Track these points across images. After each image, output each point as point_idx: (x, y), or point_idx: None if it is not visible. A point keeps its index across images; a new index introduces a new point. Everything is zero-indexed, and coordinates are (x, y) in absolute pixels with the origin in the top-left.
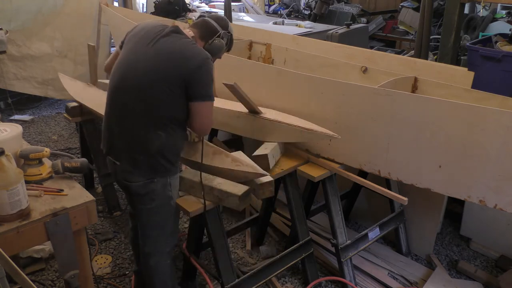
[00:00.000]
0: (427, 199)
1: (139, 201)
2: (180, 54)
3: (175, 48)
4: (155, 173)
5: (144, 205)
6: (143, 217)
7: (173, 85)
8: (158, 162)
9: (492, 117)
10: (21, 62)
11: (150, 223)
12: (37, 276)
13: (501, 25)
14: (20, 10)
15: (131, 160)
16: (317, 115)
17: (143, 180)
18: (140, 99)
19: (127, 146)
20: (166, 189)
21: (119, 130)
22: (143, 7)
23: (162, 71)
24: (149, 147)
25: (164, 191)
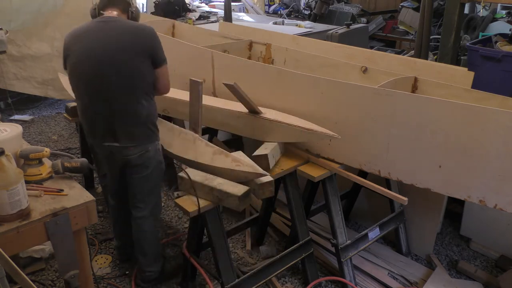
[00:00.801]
0: (427, 199)
1: (135, 171)
2: (135, 30)
3: (127, 28)
4: (148, 141)
5: (141, 174)
6: (139, 186)
7: (141, 56)
8: (149, 129)
9: (492, 117)
10: (21, 62)
11: (145, 189)
12: (37, 276)
13: (501, 25)
14: (20, 10)
15: (128, 136)
16: (317, 115)
17: (139, 151)
18: (119, 78)
19: (122, 124)
20: (157, 154)
21: (110, 114)
22: (143, 7)
23: (129, 48)
24: (140, 117)
25: (156, 156)
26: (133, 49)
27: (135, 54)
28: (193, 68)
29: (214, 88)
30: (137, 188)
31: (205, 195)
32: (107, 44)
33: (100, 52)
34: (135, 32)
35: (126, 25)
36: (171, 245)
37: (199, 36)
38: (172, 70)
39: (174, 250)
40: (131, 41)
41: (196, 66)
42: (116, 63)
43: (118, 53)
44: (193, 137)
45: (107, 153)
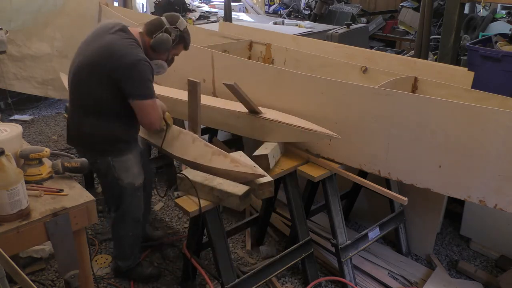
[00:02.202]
0: (427, 199)
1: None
2: (115, 50)
3: (113, 45)
4: (95, 153)
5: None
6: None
7: (100, 76)
8: (92, 143)
9: (492, 117)
10: (21, 62)
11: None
12: (37, 276)
13: (501, 25)
14: (20, 10)
15: (76, 141)
16: (317, 115)
17: (90, 160)
18: (75, 88)
19: (74, 129)
20: (111, 170)
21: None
22: (143, 7)
23: (92, 63)
24: (83, 129)
25: (109, 171)
26: (96, 70)
27: (95, 75)
28: (193, 68)
29: (214, 88)
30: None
31: (205, 195)
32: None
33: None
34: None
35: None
36: (171, 245)
37: (199, 36)
38: (172, 70)
39: (174, 250)
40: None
41: (196, 66)
42: (77, 77)
43: (82, 68)
44: (192, 138)
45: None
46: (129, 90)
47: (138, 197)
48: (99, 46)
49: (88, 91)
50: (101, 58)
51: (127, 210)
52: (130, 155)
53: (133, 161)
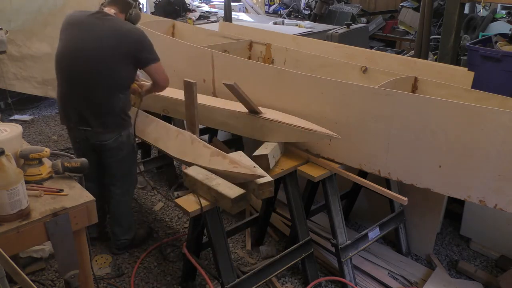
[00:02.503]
0: (427, 199)
1: (110, 155)
2: (124, 32)
3: (116, 29)
4: (120, 128)
5: (116, 157)
6: (115, 167)
7: (122, 55)
8: (122, 119)
9: (492, 117)
10: (21, 62)
11: (121, 170)
12: (37, 276)
13: (501, 25)
14: (20, 10)
15: (101, 123)
16: (317, 115)
17: (113, 136)
18: (102, 74)
19: (97, 113)
20: (130, 139)
21: (86, 103)
22: (143, 7)
23: (114, 48)
24: (115, 108)
25: (129, 141)
26: (117, 50)
27: (118, 55)
28: (193, 68)
29: (214, 88)
30: (114, 169)
31: (204, 194)
32: (94, 41)
33: (85, 47)
34: (123, 34)
35: (116, 25)
36: (171, 245)
37: (199, 36)
38: (172, 70)
39: (174, 250)
40: (116, 42)
41: (196, 66)
42: (98, 61)
43: (102, 51)
44: (191, 138)
45: (83, 137)
46: (146, 57)
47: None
48: (103, 33)
49: (119, 71)
50: (116, 42)
51: (135, 176)
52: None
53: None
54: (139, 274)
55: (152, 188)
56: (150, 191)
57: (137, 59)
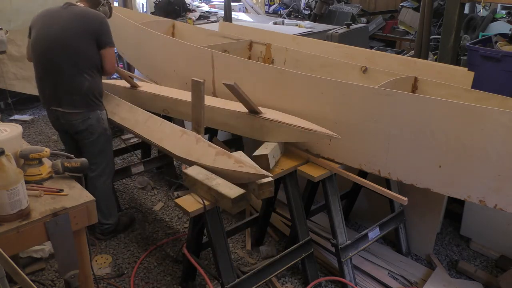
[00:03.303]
0: (427, 199)
1: (82, 137)
2: (86, 15)
3: (80, 12)
4: (88, 109)
5: (88, 139)
6: (89, 149)
7: (86, 37)
8: (90, 99)
9: (492, 117)
10: (21, 62)
11: (93, 152)
12: (37, 276)
13: (501, 25)
14: (20, 10)
15: (70, 102)
16: (317, 115)
17: (81, 118)
18: (66, 53)
19: (66, 92)
20: (100, 123)
21: (56, 83)
22: (143, 7)
23: (76, 29)
24: (81, 88)
25: (99, 124)
26: (79, 31)
27: (80, 35)
28: (193, 68)
29: (214, 88)
30: (86, 151)
31: (204, 194)
32: (59, 26)
33: (52, 33)
34: (84, 16)
35: (79, 10)
36: (171, 245)
37: (199, 36)
38: (172, 70)
39: (174, 250)
40: (78, 24)
41: (196, 66)
42: (63, 43)
43: (65, 34)
44: (196, 138)
45: (54, 117)
46: (104, 40)
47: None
48: (70, 15)
49: (83, 50)
50: (81, 22)
51: (110, 159)
52: (105, 109)
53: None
54: (139, 274)
55: (152, 188)
56: (150, 191)
57: (98, 40)
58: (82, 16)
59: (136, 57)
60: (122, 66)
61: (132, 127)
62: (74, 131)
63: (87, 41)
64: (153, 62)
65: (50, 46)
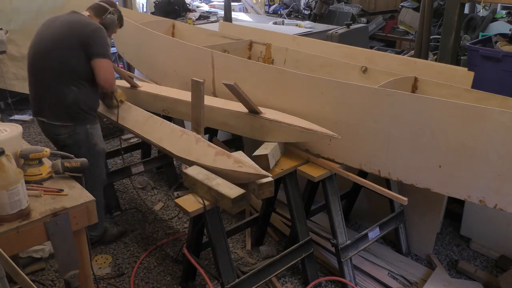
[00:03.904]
0: (427, 199)
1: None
2: (77, 23)
3: (74, 20)
4: (74, 122)
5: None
6: None
7: (73, 46)
8: (75, 111)
9: (492, 117)
10: (21, 62)
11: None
12: (37, 276)
13: (501, 25)
14: (20, 10)
15: (54, 114)
16: (317, 115)
17: (67, 132)
18: (51, 62)
19: (50, 103)
20: (89, 138)
21: (42, 93)
22: (143, 7)
23: (65, 39)
24: (66, 99)
25: (87, 139)
26: (67, 41)
27: (68, 46)
28: (193, 68)
29: (214, 88)
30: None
31: (204, 194)
32: (51, 33)
33: (42, 41)
34: (75, 26)
35: (76, 19)
36: (171, 245)
37: (199, 36)
38: (172, 70)
39: (174, 250)
40: (67, 34)
41: (196, 66)
42: (49, 53)
43: (54, 43)
44: (195, 138)
45: (41, 127)
46: (93, 51)
47: (105, 162)
48: (61, 24)
49: (69, 61)
50: (69, 32)
51: (99, 174)
52: (98, 123)
53: (100, 130)
54: (139, 274)
55: (152, 188)
56: (150, 191)
57: (87, 51)
58: (74, 25)
59: (136, 57)
60: (122, 66)
61: (132, 127)
62: (61, 144)
63: (74, 52)
64: (153, 62)
65: (38, 55)
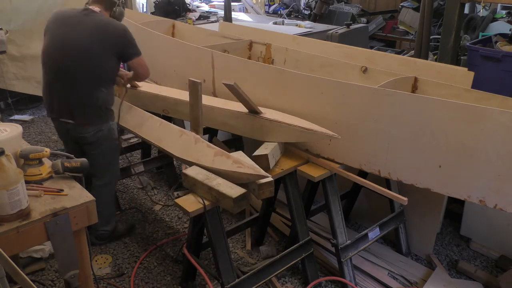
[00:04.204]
0: (427, 199)
1: (91, 148)
2: (108, 27)
3: (102, 23)
4: (101, 121)
5: (96, 150)
6: (96, 160)
7: (106, 50)
8: (103, 112)
9: (492, 117)
10: (21, 62)
11: (105, 163)
12: (37, 276)
13: (501, 25)
14: (20, 10)
15: (83, 116)
16: (317, 115)
17: (93, 130)
18: (87, 66)
19: (80, 104)
20: (110, 133)
21: (70, 95)
22: (143, 7)
23: (99, 41)
24: (96, 101)
25: (110, 134)
26: (101, 45)
27: (102, 50)
28: (193, 68)
29: (214, 88)
30: (94, 162)
31: (205, 194)
32: (79, 35)
33: (71, 42)
34: (106, 29)
35: (101, 21)
36: (171, 245)
37: (199, 36)
38: (172, 71)
39: (174, 250)
40: (101, 37)
41: (196, 66)
42: (83, 55)
43: (86, 46)
44: (194, 138)
45: (64, 129)
46: (131, 52)
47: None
48: (88, 27)
49: (102, 64)
50: (101, 35)
51: (117, 168)
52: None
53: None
54: (139, 274)
55: (152, 188)
56: (150, 191)
57: (121, 54)
58: (105, 28)
59: None
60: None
61: (132, 127)
62: (84, 142)
63: (108, 55)
64: (153, 62)
65: (67, 54)
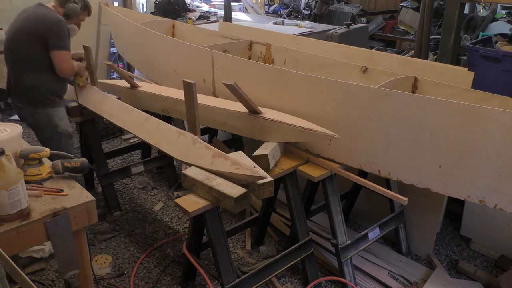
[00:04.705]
0: (427, 199)
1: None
2: (39, 15)
3: (37, 13)
4: (35, 105)
5: (39, 134)
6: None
7: (31, 36)
8: (35, 96)
9: (492, 117)
10: None
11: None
12: (37, 276)
13: (501, 25)
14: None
15: (18, 97)
16: (317, 115)
17: (29, 112)
18: (13, 50)
19: (15, 86)
20: (50, 118)
21: (9, 79)
22: (143, 7)
23: (27, 30)
24: (25, 83)
25: (50, 119)
26: (29, 32)
27: (29, 36)
28: (193, 68)
29: (214, 88)
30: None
31: (205, 194)
32: (16, 25)
33: (11, 32)
34: (39, 19)
35: (40, 12)
36: (171, 245)
37: (199, 36)
38: (172, 70)
39: (174, 250)
40: (30, 25)
41: (196, 66)
42: (14, 42)
43: (17, 34)
44: (192, 139)
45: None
46: (53, 42)
47: (71, 144)
48: (26, 15)
49: (26, 50)
50: (31, 23)
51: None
52: (63, 108)
53: (65, 113)
54: (139, 274)
55: (152, 188)
56: (150, 191)
57: (44, 42)
58: (39, 18)
59: (136, 57)
60: (122, 66)
61: (131, 129)
62: (27, 123)
63: (33, 42)
64: (153, 62)
65: (7, 45)
